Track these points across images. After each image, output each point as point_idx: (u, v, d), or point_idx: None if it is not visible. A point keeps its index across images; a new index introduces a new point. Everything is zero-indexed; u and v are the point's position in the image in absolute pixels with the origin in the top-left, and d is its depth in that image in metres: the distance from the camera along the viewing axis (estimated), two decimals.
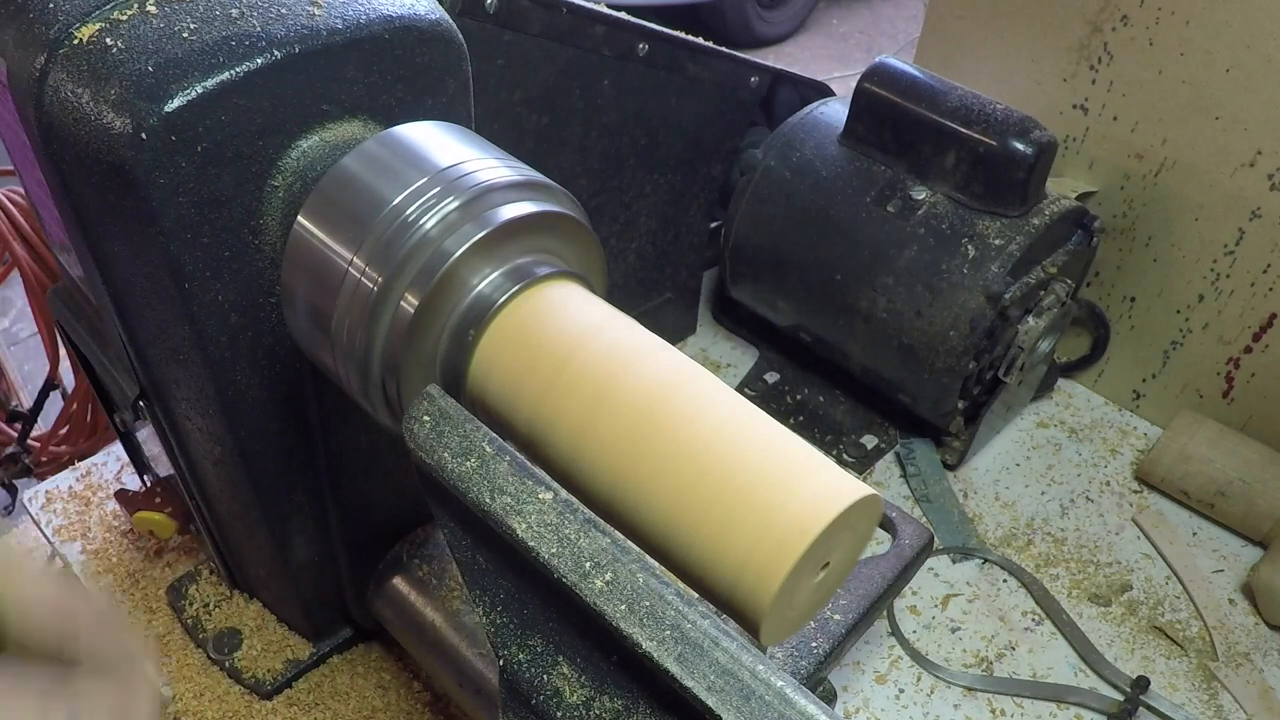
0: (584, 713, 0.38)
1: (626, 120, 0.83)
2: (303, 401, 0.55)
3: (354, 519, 0.64)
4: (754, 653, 0.32)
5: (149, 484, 0.78)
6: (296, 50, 0.44)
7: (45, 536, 0.87)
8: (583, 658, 0.39)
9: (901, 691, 0.78)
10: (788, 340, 1.04)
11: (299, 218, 0.45)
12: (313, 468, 0.60)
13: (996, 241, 0.83)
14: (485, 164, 0.44)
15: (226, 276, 0.47)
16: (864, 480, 0.57)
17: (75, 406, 1.31)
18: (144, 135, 0.41)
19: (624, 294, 0.96)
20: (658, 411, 0.38)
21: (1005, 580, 0.87)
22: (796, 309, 0.97)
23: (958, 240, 0.84)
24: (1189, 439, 0.93)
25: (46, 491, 0.90)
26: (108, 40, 0.43)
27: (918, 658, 0.80)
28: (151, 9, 0.44)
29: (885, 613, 0.82)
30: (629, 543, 0.38)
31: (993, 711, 0.77)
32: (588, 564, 0.36)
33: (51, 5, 0.45)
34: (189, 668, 0.74)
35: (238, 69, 0.42)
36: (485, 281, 0.43)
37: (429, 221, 0.41)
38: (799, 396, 1.03)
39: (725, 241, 0.98)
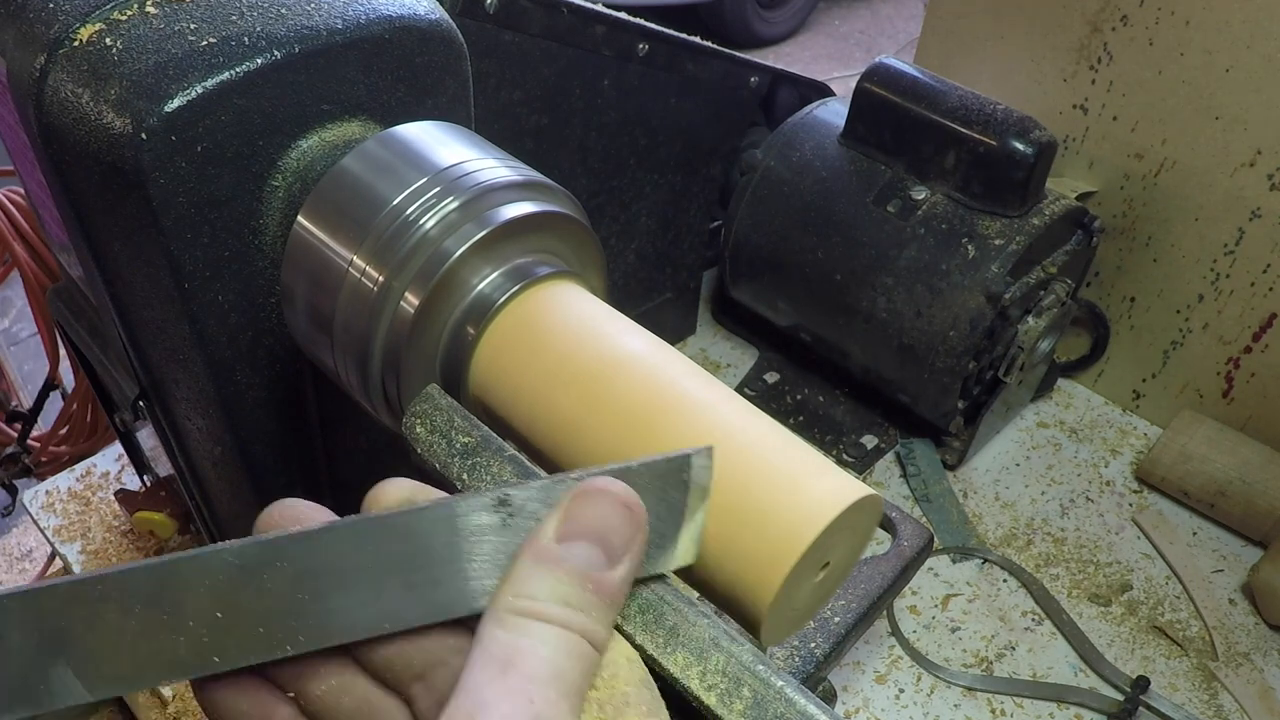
0: None
1: (626, 120, 0.83)
2: (303, 401, 0.55)
3: None
4: (754, 653, 0.32)
5: (149, 484, 0.78)
6: (296, 50, 0.44)
7: (45, 537, 0.87)
8: None
9: (901, 691, 0.78)
10: (788, 340, 1.04)
11: (299, 218, 0.45)
12: (313, 468, 0.60)
13: (996, 241, 0.83)
14: (485, 164, 0.44)
15: (226, 276, 0.47)
16: (864, 480, 0.57)
17: (75, 406, 1.31)
18: (144, 135, 0.41)
19: (624, 294, 0.96)
20: (656, 411, 0.38)
21: (1005, 580, 0.87)
22: (796, 309, 0.97)
23: (958, 240, 0.84)
24: (1189, 439, 0.93)
25: (46, 492, 0.90)
26: (108, 40, 0.43)
27: (918, 658, 0.80)
28: (151, 9, 0.44)
29: (885, 613, 0.82)
30: None
31: (993, 711, 0.77)
32: None
33: (51, 5, 0.45)
34: None
35: (238, 69, 0.42)
36: (485, 281, 0.43)
37: (429, 221, 0.41)
38: (799, 396, 1.03)
39: (725, 241, 0.98)
